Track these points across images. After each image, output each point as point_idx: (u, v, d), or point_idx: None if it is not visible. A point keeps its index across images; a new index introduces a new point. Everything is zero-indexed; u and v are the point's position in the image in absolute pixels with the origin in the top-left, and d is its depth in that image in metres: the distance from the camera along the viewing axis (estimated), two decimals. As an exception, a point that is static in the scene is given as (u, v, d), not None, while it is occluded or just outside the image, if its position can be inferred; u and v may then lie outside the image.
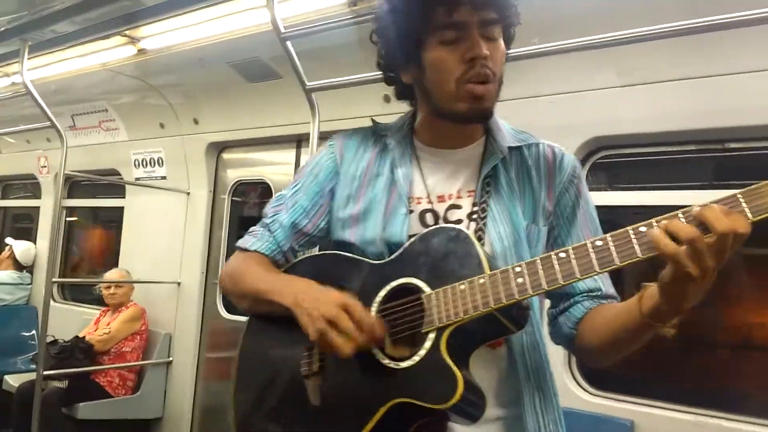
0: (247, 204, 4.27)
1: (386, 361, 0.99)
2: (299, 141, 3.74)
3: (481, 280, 0.95)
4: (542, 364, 1.12)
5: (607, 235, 0.88)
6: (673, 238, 0.81)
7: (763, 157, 2.36)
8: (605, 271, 0.88)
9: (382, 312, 1.03)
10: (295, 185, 1.23)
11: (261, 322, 1.18)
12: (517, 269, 0.93)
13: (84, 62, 3.85)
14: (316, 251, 1.23)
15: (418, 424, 0.98)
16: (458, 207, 1.13)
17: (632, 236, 0.85)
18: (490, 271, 0.96)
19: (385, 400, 0.98)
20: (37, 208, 5.54)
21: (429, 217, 1.13)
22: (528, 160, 1.16)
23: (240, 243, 1.22)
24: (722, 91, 2.25)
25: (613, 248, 0.86)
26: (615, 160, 2.66)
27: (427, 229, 1.07)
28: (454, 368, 0.93)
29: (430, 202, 1.14)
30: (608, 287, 1.14)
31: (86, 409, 3.69)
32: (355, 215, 1.16)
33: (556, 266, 0.90)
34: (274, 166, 3.98)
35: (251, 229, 1.24)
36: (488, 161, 1.14)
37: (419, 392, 0.95)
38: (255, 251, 1.18)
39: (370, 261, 1.11)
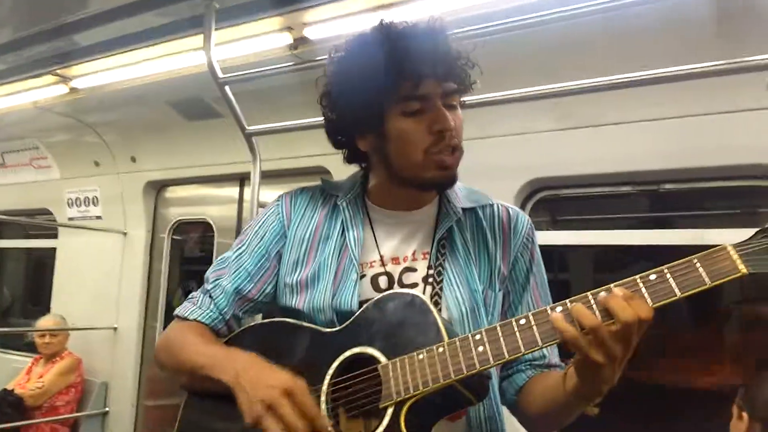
0: (188, 243, 4.14)
1: None
2: (242, 179, 3.67)
3: (440, 349, 0.91)
4: None
5: (567, 300, 0.86)
6: (580, 323, 0.81)
7: (694, 196, 2.47)
8: (554, 343, 0.86)
9: (335, 385, 0.97)
10: (239, 247, 1.16)
11: (200, 399, 1.09)
12: (477, 337, 0.89)
13: (14, 100, 3.68)
14: (259, 318, 1.17)
15: None
16: (413, 270, 1.09)
17: (591, 302, 0.83)
18: (449, 338, 0.92)
19: None
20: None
21: (383, 281, 1.08)
22: (483, 222, 1.14)
23: (178, 311, 1.14)
24: (656, 135, 2.33)
25: (569, 314, 0.84)
26: (555, 200, 2.72)
27: (381, 295, 1.02)
28: None
29: (383, 264, 1.09)
30: (553, 356, 1.12)
31: (14, 469, 3.45)
32: (303, 281, 1.10)
33: (517, 334, 0.87)
34: (216, 205, 3.88)
35: (191, 295, 1.16)
36: (443, 223, 1.11)
37: None
38: (195, 320, 1.11)
39: (321, 329, 1.04)
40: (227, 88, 2.41)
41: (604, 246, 2.60)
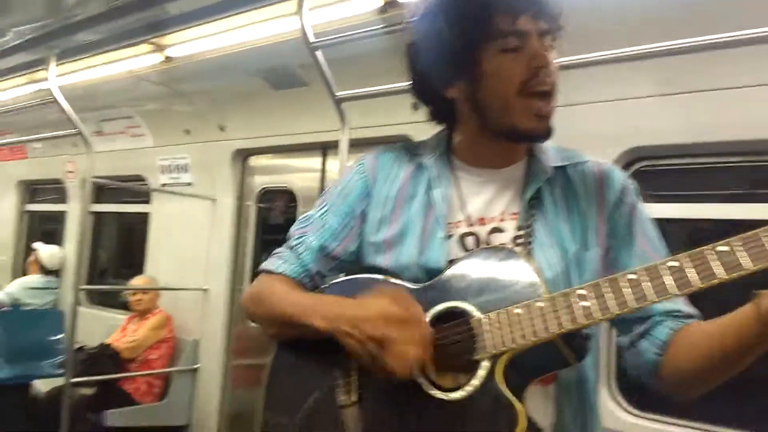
0: (273, 211, 4.25)
1: (434, 392, 0.91)
2: (325, 149, 3.71)
3: (540, 303, 0.88)
4: (590, 403, 1.04)
5: (681, 255, 0.81)
6: None
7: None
8: (684, 294, 0.81)
9: None
10: (324, 206, 1.16)
11: (289, 348, 1.10)
12: (581, 292, 0.86)
13: (111, 69, 3.86)
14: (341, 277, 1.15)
15: None
16: (501, 230, 1.06)
17: (710, 256, 0.79)
18: (548, 294, 0.89)
19: None
20: (65, 211, 5.60)
21: (470, 241, 1.05)
22: (575, 179, 1.09)
23: (265, 265, 1.15)
24: (765, 102, 2.15)
25: (691, 268, 0.79)
26: (654, 171, 2.58)
27: (471, 251, 1.01)
28: (514, 401, 0.86)
29: (470, 224, 1.06)
30: (688, 307, 1.03)
31: (114, 416, 3.70)
32: (389, 239, 1.08)
33: (626, 288, 0.83)
34: (299, 173, 3.95)
35: (276, 250, 1.17)
36: (532, 182, 1.07)
37: (473, 427, 0.88)
38: (281, 274, 1.11)
39: (409, 285, 1.02)
40: (319, 53, 2.42)
41: (706, 220, 2.45)
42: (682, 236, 2.56)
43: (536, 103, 1.00)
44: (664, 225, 2.46)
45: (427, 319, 0.95)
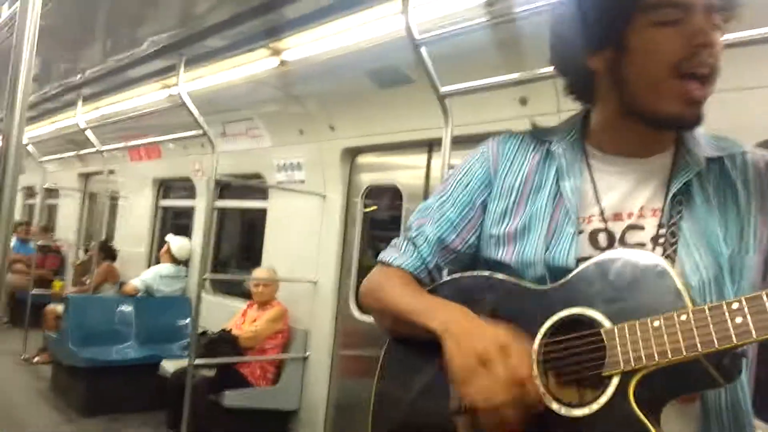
0: (378, 208, 4.35)
1: (556, 406, 0.84)
2: (430, 145, 3.74)
3: (683, 317, 0.77)
4: (742, 429, 0.91)
5: None
6: None
7: None
8: None
9: (547, 347, 0.89)
10: (442, 195, 1.11)
11: (403, 345, 1.07)
12: (735, 306, 0.73)
13: (233, 74, 4.13)
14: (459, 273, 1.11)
15: None
16: (640, 228, 0.95)
17: None
18: (693, 305, 0.78)
19: None
20: (194, 207, 6.09)
21: (602, 239, 0.96)
22: (731, 174, 0.96)
23: (382, 257, 1.12)
24: None
25: None
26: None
27: (604, 253, 0.90)
28: (647, 423, 0.77)
29: (603, 220, 0.96)
30: None
31: (231, 397, 3.98)
32: (512, 233, 1.01)
33: None
34: (404, 171, 4.01)
35: (393, 241, 1.14)
36: (679, 174, 0.95)
37: None
38: (398, 267, 1.08)
39: (531, 286, 0.95)
40: (423, 49, 2.46)
41: None
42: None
43: (690, 85, 0.88)
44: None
45: (550, 324, 0.89)
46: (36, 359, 6.08)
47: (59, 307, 5.56)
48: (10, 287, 7.80)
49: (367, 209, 4.27)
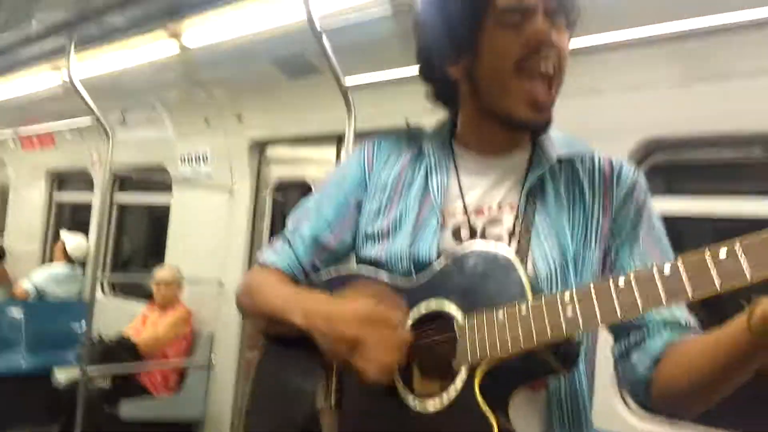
0: (288, 202, 4.20)
1: (411, 399, 0.88)
2: (339, 138, 3.62)
3: (523, 309, 0.81)
4: (581, 421, 0.96)
5: (678, 259, 0.70)
6: None
7: None
8: (674, 304, 0.75)
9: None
10: (320, 194, 1.13)
11: (277, 344, 1.08)
12: (566, 298, 0.78)
13: (132, 57, 3.86)
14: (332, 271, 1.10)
15: None
16: (498, 221, 1.00)
17: (710, 263, 0.67)
18: (534, 297, 0.82)
19: None
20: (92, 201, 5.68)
21: (464, 233, 1.00)
22: (580, 173, 1.02)
23: (257, 257, 1.14)
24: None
25: (685, 277, 0.68)
26: (672, 167, 2.38)
27: (460, 247, 0.96)
28: (489, 414, 0.80)
29: (466, 214, 1.01)
30: (688, 317, 0.95)
31: (128, 407, 3.71)
32: (385, 228, 1.04)
33: (614, 296, 0.74)
34: (314, 165, 3.89)
35: (271, 241, 1.15)
36: (533, 172, 1.01)
37: None
38: (272, 266, 1.09)
39: (396, 282, 0.98)
40: (325, 39, 2.33)
41: (728, 218, 2.24)
42: (702, 235, 2.38)
43: (534, 86, 0.93)
44: (682, 222, 2.31)
45: (411, 320, 0.92)
46: None
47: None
48: None
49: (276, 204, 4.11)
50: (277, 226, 4.09)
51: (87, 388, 3.46)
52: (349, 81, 2.41)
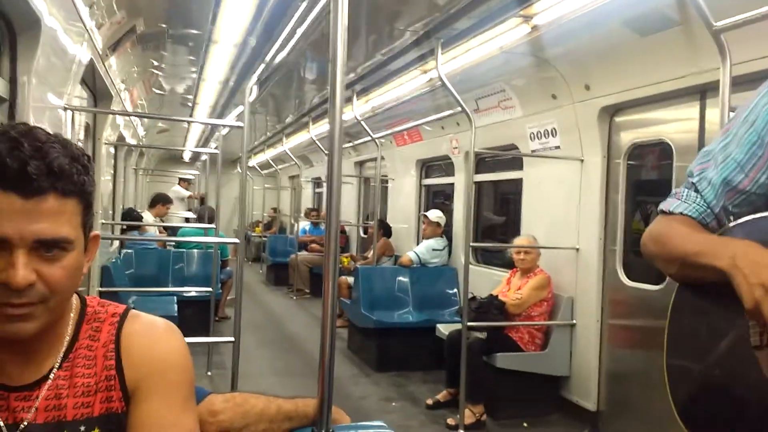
0: (645, 167, 4.07)
1: None
2: (703, 92, 3.37)
3: None
4: None
5: None
6: None
7: None
8: None
9: None
10: (725, 138, 1.07)
11: (692, 289, 1.05)
12: None
13: (483, 50, 4.22)
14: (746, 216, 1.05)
15: None
16: None
17: None
18: None
19: None
20: (452, 184, 6.43)
21: None
22: None
23: (662, 206, 1.12)
24: None
25: None
26: None
27: None
28: None
29: None
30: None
31: (502, 359, 4.19)
32: None
33: None
34: (674, 124, 3.67)
35: (674, 190, 1.13)
36: None
37: None
38: (680, 214, 1.07)
39: None
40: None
41: None
42: None
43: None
44: None
45: None
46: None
47: (350, 279, 6.41)
48: (307, 264, 9.24)
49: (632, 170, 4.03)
50: (631, 192, 4.02)
51: (467, 339, 4.00)
52: (720, 23, 2.25)
